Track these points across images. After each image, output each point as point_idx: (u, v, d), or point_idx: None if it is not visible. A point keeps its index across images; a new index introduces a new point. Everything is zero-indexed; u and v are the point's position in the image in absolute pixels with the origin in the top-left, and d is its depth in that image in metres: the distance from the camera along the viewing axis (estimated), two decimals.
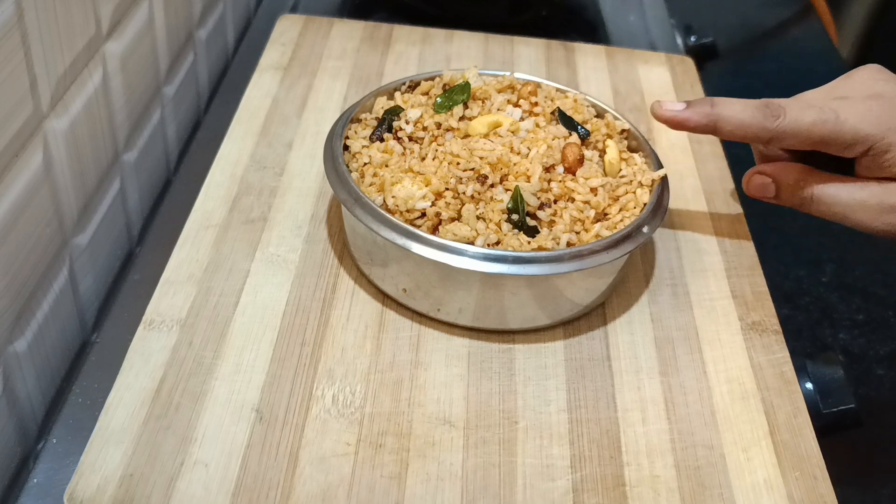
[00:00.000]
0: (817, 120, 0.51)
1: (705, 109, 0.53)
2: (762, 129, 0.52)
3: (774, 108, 0.52)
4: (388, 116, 0.57)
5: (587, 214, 0.52)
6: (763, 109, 0.52)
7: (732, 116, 0.52)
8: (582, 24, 0.96)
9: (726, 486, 0.46)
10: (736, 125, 0.52)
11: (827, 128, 0.51)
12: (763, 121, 0.52)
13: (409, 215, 0.51)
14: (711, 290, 0.57)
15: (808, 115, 0.51)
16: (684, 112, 0.53)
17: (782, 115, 0.51)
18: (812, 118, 0.51)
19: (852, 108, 0.51)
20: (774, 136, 0.52)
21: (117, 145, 0.61)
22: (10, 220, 0.47)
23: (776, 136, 0.52)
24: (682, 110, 0.53)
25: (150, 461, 0.44)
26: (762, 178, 0.56)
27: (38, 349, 0.53)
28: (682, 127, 0.54)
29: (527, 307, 0.51)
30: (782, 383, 0.51)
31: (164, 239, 0.58)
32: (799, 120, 0.51)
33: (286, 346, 0.50)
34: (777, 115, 0.51)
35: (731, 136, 0.53)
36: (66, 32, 0.51)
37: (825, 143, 0.52)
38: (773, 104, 0.52)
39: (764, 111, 0.52)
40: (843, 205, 0.53)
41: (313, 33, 0.76)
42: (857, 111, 0.51)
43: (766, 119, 0.52)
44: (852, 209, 0.53)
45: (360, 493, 0.44)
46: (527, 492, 0.45)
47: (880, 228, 0.53)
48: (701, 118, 0.53)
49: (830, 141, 0.52)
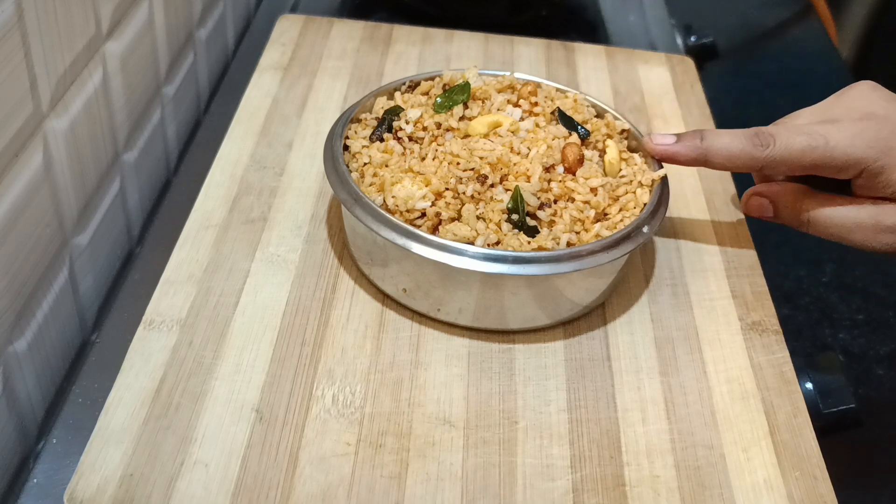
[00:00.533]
0: (807, 147, 0.51)
1: (695, 143, 0.54)
2: (752, 158, 0.52)
3: (763, 137, 0.52)
4: (388, 116, 0.57)
5: (587, 214, 0.52)
6: (752, 139, 0.52)
7: (721, 149, 0.53)
8: (582, 24, 0.96)
9: (726, 486, 0.46)
10: (725, 157, 0.53)
11: (817, 153, 0.51)
12: (752, 151, 0.52)
13: (409, 215, 0.51)
14: (711, 290, 0.57)
15: (797, 141, 0.52)
16: (674, 146, 0.54)
17: (772, 144, 0.52)
18: (802, 145, 0.51)
19: (843, 131, 0.51)
20: (765, 165, 0.53)
21: (117, 145, 0.61)
22: (10, 220, 0.47)
23: (767, 165, 0.53)
24: (673, 144, 0.54)
25: (150, 461, 0.44)
26: (760, 200, 0.57)
27: (38, 349, 0.53)
28: (674, 161, 0.55)
29: (527, 307, 0.51)
30: (782, 383, 0.51)
31: (164, 239, 0.58)
32: (789, 147, 0.52)
33: (286, 346, 0.50)
34: (766, 143, 0.52)
35: (721, 168, 0.54)
36: (66, 32, 0.51)
37: (817, 169, 0.52)
38: (763, 133, 0.52)
39: (753, 140, 0.52)
40: (840, 226, 0.54)
41: (313, 33, 0.76)
42: (847, 134, 0.51)
43: (755, 149, 0.52)
44: (848, 230, 0.53)
45: (360, 493, 0.44)
46: (527, 492, 0.45)
47: (877, 248, 0.54)
48: (690, 152, 0.54)
49: (822, 166, 0.52)
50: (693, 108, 0.72)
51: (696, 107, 0.73)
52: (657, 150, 0.55)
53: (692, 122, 0.71)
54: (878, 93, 0.54)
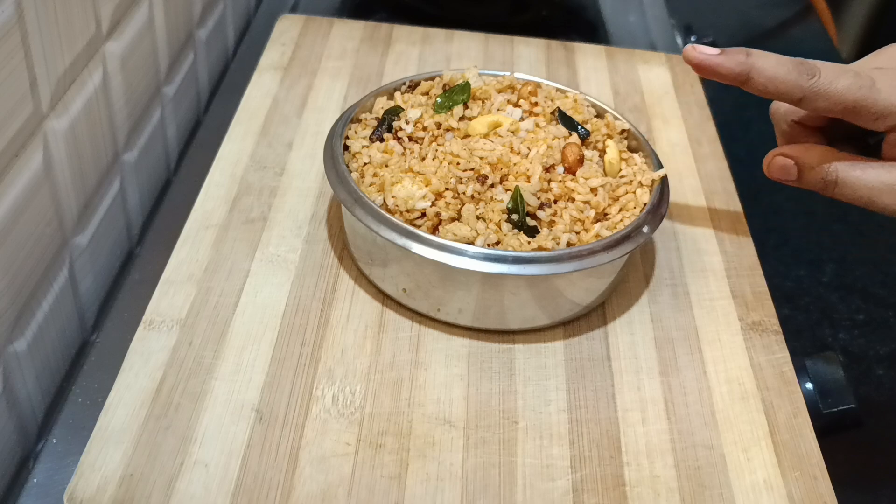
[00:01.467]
0: (852, 84, 0.49)
1: (739, 58, 0.50)
2: (795, 85, 0.50)
3: (810, 66, 0.50)
4: (388, 116, 0.57)
5: (587, 214, 0.52)
6: (798, 66, 0.50)
7: (767, 69, 0.50)
8: (582, 24, 0.96)
9: (726, 486, 0.46)
10: (769, 78, 0.50)
11: (862, 93, 0.49)
12: (797, 77, 0.49)
13: (409, 215, 0.51)
14: (711, 290, 0.57)
15: (843, 78, 0.49)
16: (718, 57, 0.51)
17: (817, 75, 0.49)
18: (847, 82, 0.49)
19: (889, 78, 0.49)
20: (806, 96, 0.50)
21: (117, 145, 0.61)
22: (10, 220, 0.47)
23: (808, 96, 0.50)
24: (716, 55, 0.51)
25: (150, 461, 0.44)
26: (784, 160, 0.54)
27: (38, 349, 0.53)
28: (714, 73, 0.51)
29: (527, 307, 0.51)
30: (782, 383, 0.51)
31: (164, 239, 0.58)
32: (834, 82, 0.49)
33: (286, 346, 0.50)
34: (812, 73, 0.49)
35: (762, 90, 0.51)
36: (66, 32, 0.51)
37: (856, 111, 0.50)
38: (809, 63, 0.50)
39: (799, 68, 0.50)
40: (869, 187, 0.51)
41: (313, 33, 0.76)
42: (893, 82, 0.49)
43: (800, 76, 0.49)
44: (879, 192, 0.51)
45: (360, 493, 0.44)
46: (527, 492, 0.45)
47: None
48: (734, 66, 0.50)
49: (862, 108, 0.49)
50: (693, 108, 0.72)
51: (696, 107, 0.73)
52: (698, 58, 0.51)
53: (692, 122, 0.71)
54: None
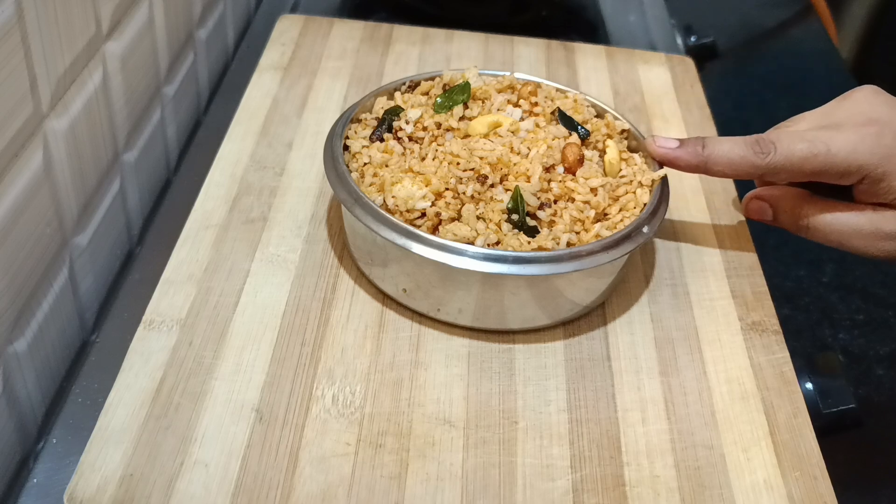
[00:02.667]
0: (808, 154, 0.51)
1: (696, 150, 0.54)
2: (753, 166, 0.52)
3: (764, 144, 0.52)
4: (388, 116, 0.57)
5: (587, 214, 0.52)
6: (753, 146, 0.52)
7: (722, 156, 0.53)
8: (582, 24, 0.96)
9: (726, 486, 0.46)
10: (726, 164, 0.53)
11: (818, 161, 0.51)
12: (753, 158, 0.52)
13: (409, 215, 0.51)
14: (711, 290, 0.57)
15: (798, 148, 0.51)
16: (676, 151, 0.54)
17: (772, 152, 0.52)
18: (803, 152, 0.51)
19: (845, 137, 0.51)
20: (766, 172, 0.53)
21: (117, 145, 0.61)
22: (10, 220, 0.47)
23: (767, 172, 0.53)
24: (675, 149, 0.54)
25: (150, 461, 0.44)
26: (760, 203, 0.57)
27: (38, 349, 0.53)
28: (674, 165, 0.55)
29: (527, 307, 0.51)
30: (782, 383, 0.51)
31: (164, 239, 0.58)
32: (790, 155, 0.52)
33: (286, 346, 0.50)
34: (767, 151, 0.52)
35: (722, 175, 0.54)
36: (66, 32, 0.51)
37: (818, 175, 0.52)
38: (763, 140, 0.52)
39: (754, 148, 0.52)
40: (839, 232, 0.54)
41: (313, 33, 0.76)
42: (850, 141, 0.51)
43: (755, 157, 0.52)
44: (848, 236, 0.53)
45: (360, 493, 0.44)
46: (527, 492, 0.45)
47: (876, 255, 0.53)
48: (691, 158, 0.54)
49: (824, 173, 0.52)
50: (693, 108, 0.72)
51: (696, 107, 0.73)
52: (659, 152, 0.55)
53: (692, 122, 0.71)
54: (880, 97, 0.54)
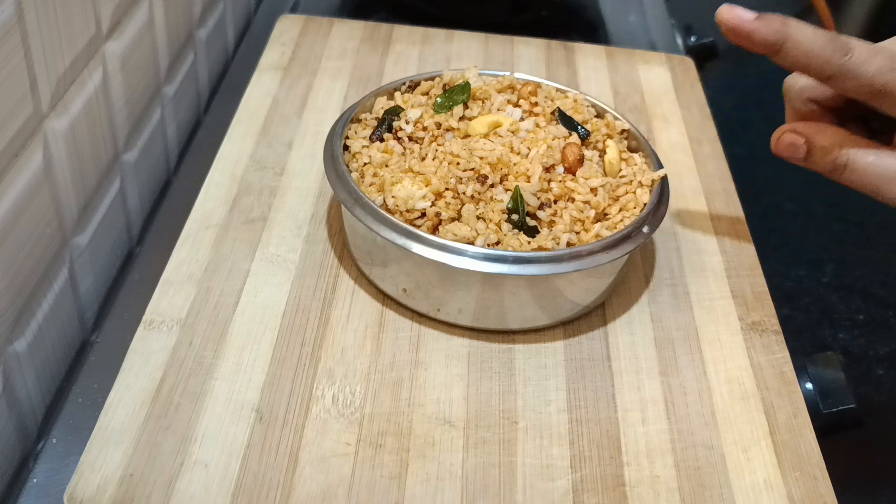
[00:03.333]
0: (884, 67, 0.48)
1: (776, 26, 0.48)
2: (828, 62, 0.48)
3: (844, 43, 0.48)
4: (388, 116, 0.57)
5: (587, 214, 0.52)
6: (833, 41, 0.48)
7: (802, 41, 0.48)
8: (582, 24, 0.96)
9: (726, 486, 0.46)
10: (804, 50, 0.48)
11: (893, 76, 0.48)
12: (832, 54, 0.48)
13: (409, 215, 0.51)
14: (711, 290, 0.57)
15: (875, 60, 0.48)
16: (753, 23, 0.48)
17: (851, 53, 0.48)
18: (880, 64, 0.48)
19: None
20: (836, 73, 0.48)
21: (117, 145, 0.61)
22: (10, 220, 0.47)
23: (838, 73, 0.48)
24: (752, 20, 0.48)
25: (150, 461, 0.44)
26: (794, 137, 0.52)
27: (38, 349, 0.53)
28: (747, 39, 0.49)
29: (527, 307, 0.51)
30: (782, 383, 0.51)
31: (164, 239, 0.58)
32: (866, 62, 0.48)
33: (286, 346, 0.50)
34: (846, 51, 0.48)
35: (793, 62, 0.49)
36: (66, 32, 0.51)
37: (883, 95, 0.48)
38: (843, 39, 0.48)
39: (834, 43, 0.48)
40: (879, 175, 0.50)
41: (313, 33, 0.76)
42: None
43: (834, 52, 0.48)
44: (888, 181, 0.49)
45: (360, 493, 0.44)
46: (527, 492, 0.45)
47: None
48: (769, 33, 0.48)
49: (891, 93, 0.48)
50: (693, 108, 0.72)
51: (696, 107, 0.73)
52: (733, 21, 0.48)
53: (692, 122, 0.71)
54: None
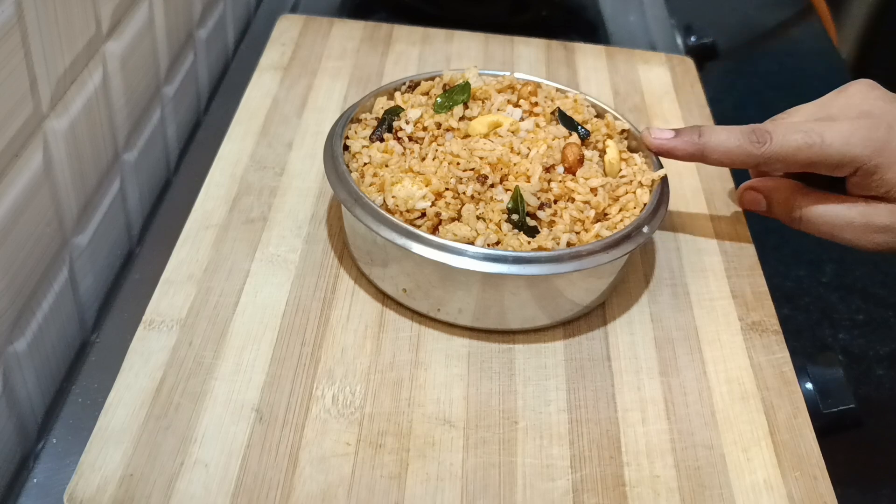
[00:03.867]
0: (803, 144, 0.52)
1: (693, 139, 0.54)
2: (748, 155, 0.53)
3: (760, 133, 0.53)
4: (388, 116, 0.57)
5: (587, 214, 0.52)
6: (749, 136, 0.53)
7: (718, 145, 0.53)
8: (582, 24, 0.96)
9: (726, 486, 0.46)
10: (722, 153, 0.54)
11: (813, 151, 0.52)
12: (749, 148, 0.53)
13: (409, 215, 0.51)
14: (711, 290, 0.57)
15: (793, 139, 0.52)
16: (672, 141, 0.55)
17: (768, 141, 0.52)
18: (798, 143, 0.52)
19: (839, 129, 0.52)
20: (761, 162, 0.53)
21: (117, 145, 0.61)
22: (10, 220, 0.47)
23: (763, 162, 0.53)
24: (671, 139, 0.55)
25: (150, 461, 0.44)
26: (754, 194, 0.58)
27: (38, 349, 0.53)
28: (671, 156, 0.55)
29: (527, 307, 0.51)
30: (782, 383, 0.51)
31: (164, 239, 0.58)
32: (785, 145, 0.52)
33: (286, 346, 0.50)
34: (763, 140, 0.52)
35: (719, 164, 0.55)
36: (66, 32, 0.51)
37: (812, 166, 0.53)
38: (759, 130, 0.53)
39: (750, 137, 0.53)
40: (831, 224, 0.54)
41: (313, 33, 0.76)
42: (843, 133, 0.52)
43: (751, 146, 0.53)
44: (840, 228, 0.54)
45: (360, 493, 0.44)
46: (527, 492, 0.45)
47: (867, 247, 0.54)
48: (688, 147, 0.54)
49: (817, 164, 0.53)
50: (693, 108, 0.72)
51: (696, 107, 0.73)
52: (655, 143, 0.55)
53: (692, 122, 0.71)
54: (876, 91, 0.54)
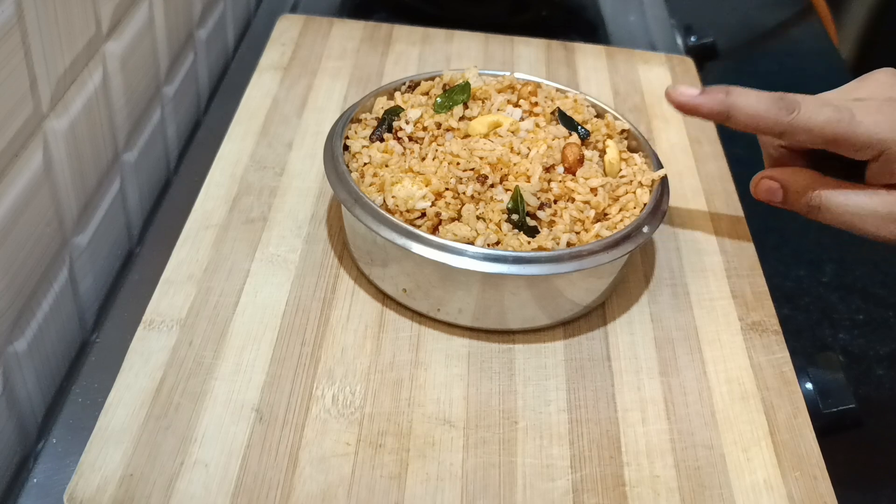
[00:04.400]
0: (832, 118, 0.50)
1: (719, 97, 0.52)
2: (776, 122, 0.51)
3: (789, 101, 0.51)
4: (388, 116, 0.57)
5: (587, 214, 0.52)
6: (778, 102, 0.51)
7: (747, 106, 0.51)
8: (582, 24, 0.96)
9: (726, 486, 0.46)
10: (750, 115, 0.51)
11: (841, 127, 0.50)
12: (777, 113, 0.50)
13: (409, 215, 0.51)
14: (711, 290, 0.57)
15: (823, 112, 0.50)
16: (698, 98, 0.52)
17: (797, 110, 0.50)
18: (827, 116, 0.50)
19: (869, 109, 0.50)
20: (787, 130, 0.51)
21: (117, 145, 0.61)
22: (10, 220, 0.47)
23: (789, 130, 0.51)
24: (697, 96, 0.52)
25: (150, 461, 0.44)
26: (770, 183, 0.56)
27: (38, 349, 0.53)
28: (695, 113, 0.53)
29: (527, 307, 0.51)
30: (782, 383, 0.51)
31: (164, 239, 0.58)
32: (814, 116, 0.50)
33: (286, 346, 0.50)
34: (792, 108, 0.50)
35: (743, 127, 0.52)
36: (66, 32, 0.51)
37: (837, 143, 0.51)
38: (789, 98, 0.51)
39: (779, 103, 0.51)
40: (852, 213, 0.52)
41: (313, 33, 0.76)
42: (873, 113, 0.50)
43: (780, 112, 0.50)
44: (861, 218, 0.52)
45: (360, 493, 0.44)
46: (527, 492, 0.45)
47: (887, 237, 0.52)
48: (714, 105, 0.52)
49: (843, 141, 0.50)
50: None
51: None
52: (680, 99, 0.53)
53: (692, 122, 0.71)
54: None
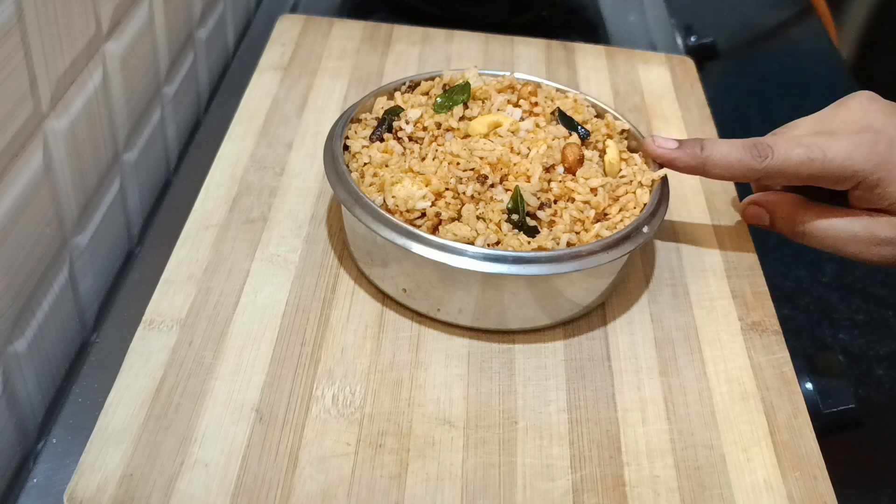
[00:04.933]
0: (805, 159, 0.52)
1: (695, 151, 0.54)
2: (750, 169, 0.53)
3: (762, 148, 0.53)
4: (388, 116, 0.57)
5: (587, 214, 0.52)
6: (751, 150, 0.53)
7: (720, 159, 0.53)
8: (582, 24, 0.96)
9: (726, 486, 0.46)
10: (724, 167, 0.53)
11: (815, 166, 0.52)
12: (750, 162, 0.53)
13: (409, 215, 0.51)
14: (711, 290, 0.57)
15: (795, 153, 0.52)
16: (674, 152, 0.54)
17: (770, 155, 0.52)
18: (800, 157, 0.52)
19: (841, 143, 0.52)
20: (763, 176, 0.53)
21: (117, 145, 0.61)
22: (10, 220, 0.47)
23: (764, 176, 0.53)
24: (673, 150, 0.54)
25: (150, 461, 0.44)
26: (756, 209, 0.58)
27: (38, 349, 0.53)
28: (672, 166, 0.55)
29: (527, 307, 0.51)
30: (782, 383, 0.51)
31: (164, 239, 0.58)
32: (787, 159, 0.52)
33: (286, 346, 0.50)
34: (764, 155, 0.52)
35: (719, 178, 0.55)
36: (66, 32, 0.51)
37: (814, 180, 0.53)
38: (761, 144, 0.53)
39: (752, 151, 0.53)
40: (835, 237, 0.54)
41: (313, 33, 0.76)
42: (845, 147, 0.52)
43: (753, 160, 0.53)
44: (844, 242, 0.54)
45: (360, 493, 0.44)
46: (527, 492, 0.45)
47: (872, 260, 0.54)
48: (689, 160, 0.54)
49: (819, 178, 0.53)
50: (693, 108, 0.72)
51: (696, 107, 0.73)
52: (658, 152, 0.55)
53: (692, 122, 0.71)
54: (876, 104, 0.54)
